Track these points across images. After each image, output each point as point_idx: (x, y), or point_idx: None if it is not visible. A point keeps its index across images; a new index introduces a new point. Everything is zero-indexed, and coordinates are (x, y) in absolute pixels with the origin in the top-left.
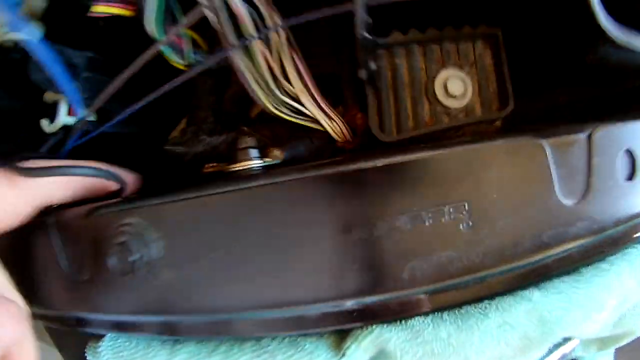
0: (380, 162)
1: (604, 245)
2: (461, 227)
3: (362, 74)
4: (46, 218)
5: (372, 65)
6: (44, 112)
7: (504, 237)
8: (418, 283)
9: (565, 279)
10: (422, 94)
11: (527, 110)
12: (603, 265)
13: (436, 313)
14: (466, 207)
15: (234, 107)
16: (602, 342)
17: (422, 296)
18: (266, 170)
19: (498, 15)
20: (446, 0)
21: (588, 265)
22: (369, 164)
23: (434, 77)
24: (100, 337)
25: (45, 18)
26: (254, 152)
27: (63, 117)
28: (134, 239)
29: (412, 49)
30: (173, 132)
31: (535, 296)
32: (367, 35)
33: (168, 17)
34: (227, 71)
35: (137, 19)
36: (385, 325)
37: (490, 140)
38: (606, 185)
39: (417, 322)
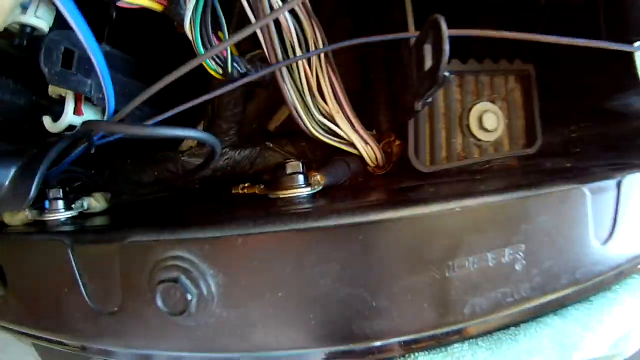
0: (456, 205)
1: (615, 278)
2: (517, 266)
3: (419, 105)
4: (64, 238)
5: (432, 98)
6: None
7: (548, 275)
8: (476, 317)
9: (578, 306)
10: (456, 125)
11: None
12: (610, 294)
13: (472, 340)
14: (523, 249)
15: (256, 121)
16: None
17: (469, 326)
18: (321, 202)
19: (535, 53)
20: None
21: (596, 294)
22: (447, 206)
23: (469, 109)
24: None
25: None
26: (301, 179)
27: (70, 116)
28: (187, 275)
29: (450, 78)
30: (186, 141)
31: (556, 323)
32: (448, 74)
33: (205, 19)
34: (251, 84)
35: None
36: (427, 353)
37: (543, 187)
38: (626, 227)
39: (457, 349)
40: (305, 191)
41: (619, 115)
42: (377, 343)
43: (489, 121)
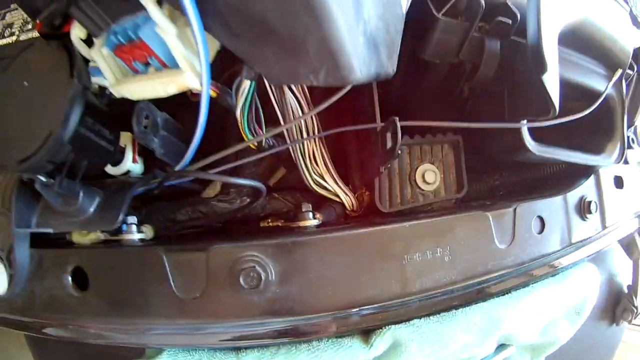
0: (409, 224)
1: (525, 275)
2: (446, 259)
3: (382, 169)
4: (157, 248)
5: (391, 164)
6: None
7: (468, 264)
8: (424, 291)
9: (500, 297)
10: (407, 180)
11: (473, 190)
12: (526, 288)
13: (424, 317)
14: (449, 248)
15: (261, 178)
16: (534, 350)
17: (424, 302)
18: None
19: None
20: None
21: (517, 289)
22: (404, 224)
23: (416, 169)
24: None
25: None
26: (311, 215)
27: (129, 163)
28: (259, 265)
29: (402, 149)
30: (208, 189)
31: (485, 306)
32: (399, 152)
33: (251, 111)
34: None
35: None
36: (396, 325)
37: (461, 213)
38: (525, 236)
39: (415, 321)
40: (314, 222)
41: (527, 166)
42: (366, 308)
43: (430, 177)
